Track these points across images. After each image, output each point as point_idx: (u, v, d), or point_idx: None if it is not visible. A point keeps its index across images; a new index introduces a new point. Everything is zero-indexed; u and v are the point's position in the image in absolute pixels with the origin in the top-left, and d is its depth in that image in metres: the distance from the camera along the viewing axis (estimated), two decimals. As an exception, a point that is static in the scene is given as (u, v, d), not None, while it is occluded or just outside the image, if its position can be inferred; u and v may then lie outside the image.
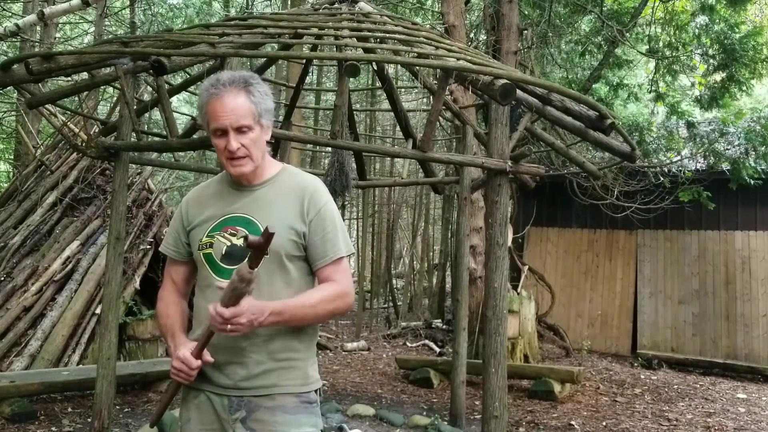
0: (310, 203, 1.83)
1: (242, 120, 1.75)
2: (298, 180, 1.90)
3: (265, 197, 1.85)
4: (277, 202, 1.84)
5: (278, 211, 1.81)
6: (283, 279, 1.81)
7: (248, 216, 1.83)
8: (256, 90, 1.79)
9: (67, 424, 4.77)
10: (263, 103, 1.80)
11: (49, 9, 5.48)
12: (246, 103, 1.76)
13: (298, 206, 1.82)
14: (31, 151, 8.12)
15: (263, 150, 1.85)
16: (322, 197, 1.86)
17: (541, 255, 10.18)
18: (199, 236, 1.86)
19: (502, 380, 4.13)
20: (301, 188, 1.85)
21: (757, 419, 5.87)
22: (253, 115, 1.77)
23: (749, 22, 9.70)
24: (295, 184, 1.87)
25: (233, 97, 1.75)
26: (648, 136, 8.73)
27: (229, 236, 1.82)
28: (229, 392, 1.79)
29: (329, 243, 1.83)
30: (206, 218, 1.87)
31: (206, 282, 1.85)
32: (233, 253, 1.80)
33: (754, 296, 8.55)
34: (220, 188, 1.92)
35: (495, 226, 4.20)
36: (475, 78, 3.63)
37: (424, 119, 5.13)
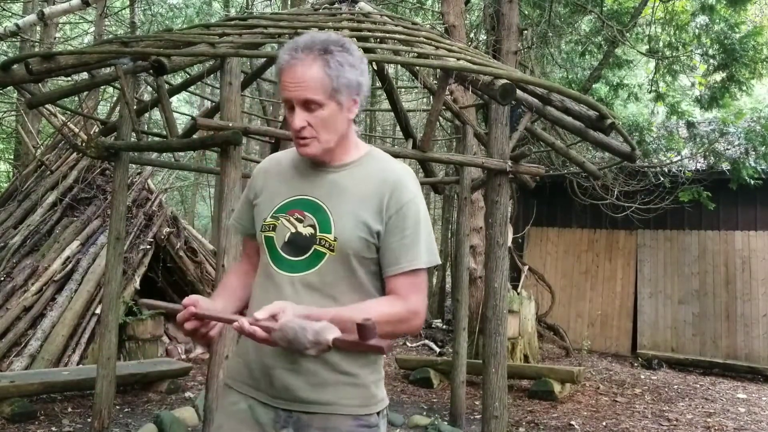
0: (391, 198, 1.54)
1: (310, 94, 1.48)
2: (383, 168, 1.61)
3: (340, 183, 1.58)
4: (353, 191, 1.57)
5: (352, 202, 1.55)
6: (348, 282, 1.54)
7: (318, 201, 1.57)
8: (335, 59, 1.50)
9: (67, 424, 4.77)
10: (343, 76, 1.50)
11: (49, 9, 5.48)
12: (319, 74, 1.48)
13: (377, 200, 1.54)
14: (31, 151, 8.13)
15: (340, 130, 1.55)
16: (408, 192, 1.56)
17: (541, 255, 10.18)
18: (263, 214, 1.62)
19: (502, 380, 4.13)
20: (384, 178, 1.57)
21: (757, 419, 5.87)
22: (325, 89, 1.49)
23: (749, 22, 9.70)
24: (379, 173, 1.59)
25: (306, 67, 1.48)
26: (648, 136, 8.73)
27: (296, 221, 1.57)
28: (277, 403, 1.54)
29: (406, 248, 1.53)
30: (273, 194, 1.64)
31: (265, 269, 1.60)
32: (296, 242, 1.55)
33: (754, 296, 8.55)
34: (296, 163, 1.67)
35: (495, 226, 4.20)
36: (475, 78, 3.63)
37: (424, 119, 5.13)
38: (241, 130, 3.58)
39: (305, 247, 1.54)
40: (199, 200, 19.35)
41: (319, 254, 1.53)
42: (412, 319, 1.52)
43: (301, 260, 1.54)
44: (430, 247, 1.56)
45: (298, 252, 1.54)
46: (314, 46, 1.50)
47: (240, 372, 1.62)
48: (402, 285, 1.52)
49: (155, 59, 3.37)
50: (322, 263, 1.53)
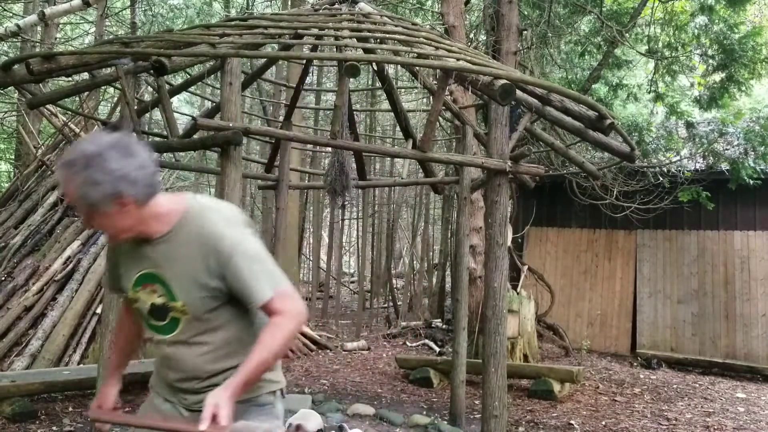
0: (217, 255, 1.71)
1: (75, 203, 1.64)
2: (200, 228, 1.74)
3: (169, 252, 1.75)
4: (181, 257, 1.73)
5: (185, 268, 1.73)
6: (212, 327, 1.79)
7: (158, 273, 1.77)
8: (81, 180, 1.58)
9: (67, 424, 4.78)
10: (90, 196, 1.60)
11: (50, 9, 5.49)
12: (75, 189, 1.60)
13: (203, 261, 1.72)
14: (32, 151, 8.14)
15: (130, 223, 1.68)
16: (227, 242, 1.71)
17: (541, 255, 10.19)
18: (126, 288, 1.86)
19: (502, 380, 4.15)
20: (204, 240, 1.72)
21: (756, 419, 5.88)
22: (84, 200, 1.61)
23: (748, 22, 9.71)
24: (197, 235, 1.73)
25: (65, 182, 1.62)
26: (647, 136, 8.74)
27: (150, 293, 1.79)
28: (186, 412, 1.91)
29: (251, 289, 1.71)
30: (126, 270, 1.84)
31: (147, 333, 1.89)
32: (157, 311, 1.80)
33: (753, 296, 8.56)
34: (129, 244, 1.82)
35: (495, 226, 4.21)
36: (475, 78, 3.64)
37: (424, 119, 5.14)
38: (242, 130, 3.59)
39: (164, 314, 1.79)
40: (199, 200, 19.29)
41: (175, 318, 1.79)
42: (298, 316, 1.74)
43: (166, 325, 1.81)
44: (270, 276, 1.73)
45: (161, 318, 1.80)
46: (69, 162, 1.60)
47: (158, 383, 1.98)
48: (270, 309, 1.73)
49: (156, 59, 3.38)
50: (182, 324, 1.79)
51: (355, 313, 11.21)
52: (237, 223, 1.77)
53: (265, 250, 1.78)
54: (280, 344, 1.70)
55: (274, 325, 1.71)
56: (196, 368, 1.83)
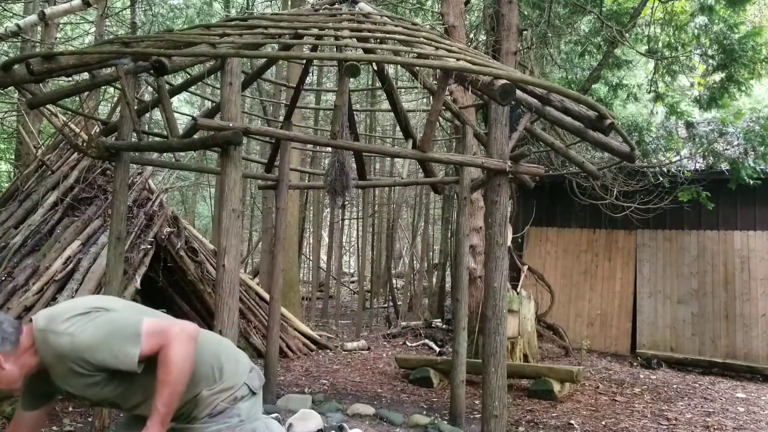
0: (73, 362, 1.94)
1: None
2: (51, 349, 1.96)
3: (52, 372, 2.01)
4: (58, 372, 1.99)
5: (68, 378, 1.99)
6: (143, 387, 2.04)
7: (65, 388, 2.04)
8: None
9: (68, 423, 4.78)
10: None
11: (50, 9, 5.49)
12: None
13: (71, 370, 1.96)
14: (32, 151, 8.13)
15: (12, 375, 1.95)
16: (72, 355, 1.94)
17: (541, 255, 10.19)
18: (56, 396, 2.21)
19: (502, 380, 4.14)
20: (57, 357, 1.95)
21: (756, 419, 5.88)
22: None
23: (748, 22, 9.72)
24: (51, 354, 1.97)
25: None
26: (647, 136, 8.74)
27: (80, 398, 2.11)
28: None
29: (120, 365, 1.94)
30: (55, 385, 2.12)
31: None
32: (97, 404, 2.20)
33: (753, 296, 8.56)
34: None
35: (495, 226, 4.21)
36: (475, 78, 3.64)
37: (424, 119, 5.15)
38: (242, 130, 3.59)
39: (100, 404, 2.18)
40: (200, 200, 19.36)
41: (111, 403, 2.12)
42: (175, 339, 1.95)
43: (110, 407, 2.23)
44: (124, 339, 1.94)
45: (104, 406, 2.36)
46: None
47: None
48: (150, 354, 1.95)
49: (156, 59, 3.38)
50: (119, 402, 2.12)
51: (355, 313, 11.21)
52: (65, 325, 1.95)
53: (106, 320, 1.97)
54: (178, 372, 1.92)
55: (161, 362, 1.94)
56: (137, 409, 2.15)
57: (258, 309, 7.91)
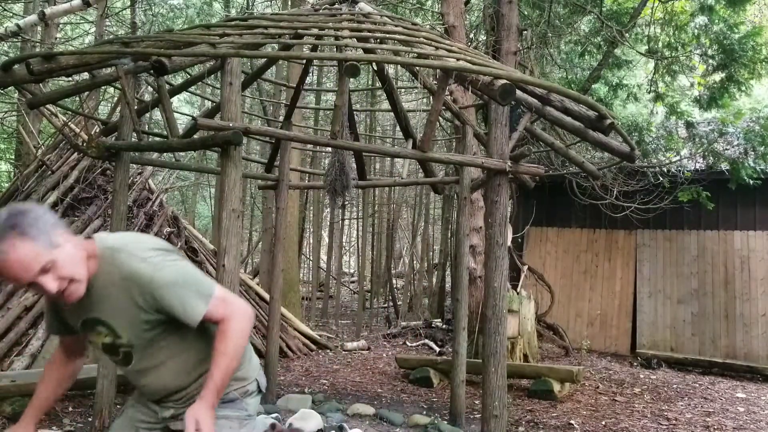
0: (140, 290, 1.78)
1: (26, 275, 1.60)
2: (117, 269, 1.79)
3: (100, 295, 1.81)
4: (111, 297, 1.81)
5: (117, 309, 1.82)
6: (163, 349, 1.91)
7: (99, 317, 1.85)
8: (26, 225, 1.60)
9: (68, 424, 4.78)
10: (41, 236, 1.62)
11: (50, 9, 5.49)
12: (28, 251, 1.59)
13: (131, 301, 1.79)
14: (32, 151, 8.14)
15: (78, 262, 1.72)
16: (145, 279, 1.77)
17: (541, 255, 10.19)
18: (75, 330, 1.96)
19: (502, 380, 4.14)
20: (124, 283, 1.78)
21: (756, 419, 5.88)
22: (41, 255, 1.61)
23: (748, 22, 9.71)
24: (117, 275, 1.79)
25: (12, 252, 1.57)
26: (647, 136, 8.74)
27: (97, 335, 1.90)
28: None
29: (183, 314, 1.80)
30: (72, 316, 1.92)
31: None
32: (109, 349, 1.93)
33: (753, 296, 8.56)
34: None
35: (495, 226, 4.21)
36: (475, 78, 3.64)
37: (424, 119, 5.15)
38: (242, 130, 3.59)
39: (116, 351, 1.91)
40: (200, 200, 19.37)
41: (127, 353, 1.91)
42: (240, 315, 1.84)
43: (121, 359, 1.93)
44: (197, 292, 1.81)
45: (114, 354, 1.93)
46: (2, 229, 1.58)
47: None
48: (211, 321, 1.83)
49: (156, 59, 3.38)
50: (135, 356, 1.91)
51: (355, 313, 11.21)
52: (147, 253, 1.80)
53: (184, 266, 1.84)
54: (234, 347, 1.81)
55: (221, 332, 1.82)
56: (166, 387, 1.97)
57: (258, 309, 7.91)
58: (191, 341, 1.93)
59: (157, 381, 1.95)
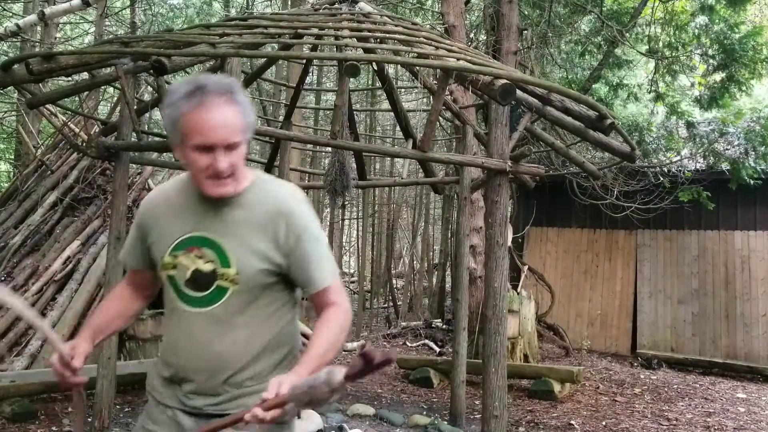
0: (288, 229, 1.61)
1: (234, 137, 1.53)
2: (274, 197, 1.65)
3: (234, 218, 1.62)
4: (247, 225, 1.62)
5: (248, 235, 1.61)
6: (252, 310, 1.64)
7: (214, 237, 1.62)
8: (242, 102, 1.56)
9: (67, 424, 4.77)
10: (250, 115, 1.59)
11: (50, 9, 5.49)
12: (236, 116, 1.54)
13: (272, 231, 1.61)
14: (31, 150, 8.13)
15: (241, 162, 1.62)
16: (301, 218, 1.64)
17: (541, 255, 10.18)
18: (160, 252, 1.66)
19: (502, 380, 4.14)
20: (276, 209, 1.62)
21: (756, 419, 5.87)
22: (242, 129, 1.55)
23: (749, 22, 9.70)
24: (270, 203, 1.63)
25: (222, 108, 1.52)
26: (648, 136, 8.73)
27: (195, 258, 1.62)
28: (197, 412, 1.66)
29: (313, 273, 1.64)
30: (167, 232, 1.67)
31: (172, 305, 1.67)
32: (198, 279, 1.62)
33: (754, 296, 8.56)
34: (183, 198, 1.69)
35: (495, 226, 4.21)
36: (475, 78, 3.63)
37: (424, 119, 5.14)
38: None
39: (207, 283, 1.61)
40: (199, 200, 19.33)
41: (222, 289, 1.62)
42: (349, 313, 1.66)
43: (206, 295, 1.62)
44: (330, 263, 1.67)
45: (202, 288, 1.62)
46: (222, 89, 1.54)
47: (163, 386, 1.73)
48: (326, 296, 1.65)
49: (156, 59, 3.37)
50: (227, 296, 1.62)
51: (355, 313, 11.19)
52: (304, 202, 1.68)
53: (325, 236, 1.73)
54: (339, 340, 1.59)
55: (332, 318, 1.61)
56: (222, 356, 1.62)
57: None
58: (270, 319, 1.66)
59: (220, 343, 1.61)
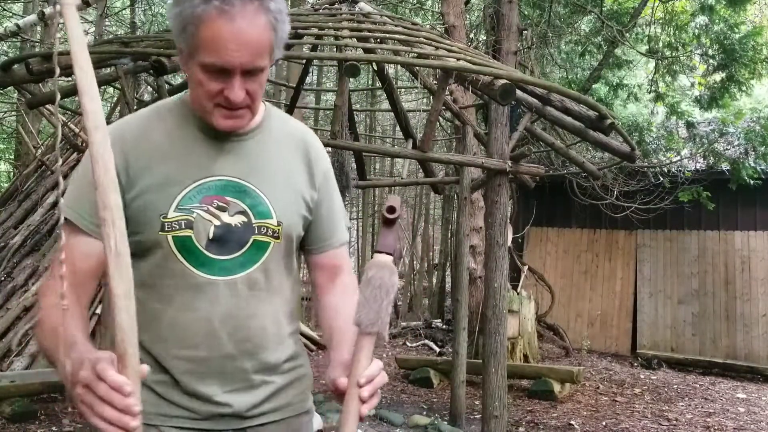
0: (317, 161, 1.30)
1: (259, 60, 1.12)
2: (294, 129, 1.33)
3: (258, 153, 1.24)
4: (276, 161, 1.26)
5: (281, 174, 1.25)
6: (287, 270, 1.29)
7: (241, 181, 1.21)
8: (277, 9, 1.13)
9: (67, 424, 4.77)
10: (284, 28, 1.16)
11: (50, 9, 5.48)
12: (267, 33, 1.12)
13: (304, 166, 1.28)
14: (31, 151, 8.13)
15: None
16: (324, 152, 1.35)
17: (541, 255, 10.18)
18: (158, 209, 1.17)
19: (502, 380, 4.14)
20: (302, 140, 1.31)
21: (756, 419, 5.87)
22: (271, 49, 1.14)
23: (749, 22, 9.70)
24: (294, 135, 1.31)
25: (250, 20, 1.09)
26: (648, 136, 8.73)
27: (217, 211, 1.19)
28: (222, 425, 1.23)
29: (336, 220, 1.34)
30: (167, 180, 1.18)
31: (176, 281, 1.18)
32: (226, 237, 1.19)
33: (754, 296, 8.55)
34: (182, 132, 1.22)
35: (495, 226, 4.21)
36: (475, 78, 3.63)
37: (424, 119, 5.14)
38: (242, 130, 3.58)
39: (240, 240, 1.20)
40: (199, 200, 19.35)
41: (261, 245, 1.22)
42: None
43: (238, 257, 1.20)
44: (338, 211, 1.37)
45: (232, 248, 1.19)
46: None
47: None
48: (344, 255, 1.36)
49: (155, 59, 3.37)
50: (267, 255, 1.23)
51: (355, 313, 11.17)
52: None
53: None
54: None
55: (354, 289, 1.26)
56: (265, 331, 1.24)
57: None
58: (295, 284, 1.33)
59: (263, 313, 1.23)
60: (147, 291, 1.18)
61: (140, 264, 1.16)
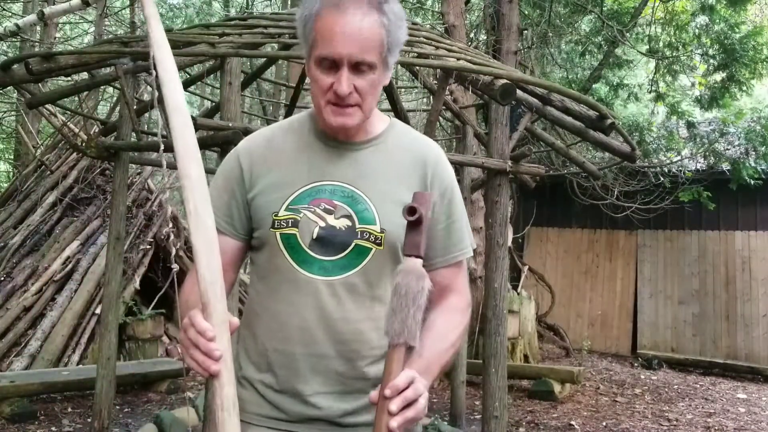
0: (434, 178, 1.31)
1: (366, 54, 1.17)
2: (419, 143, 1.35)
3: (371, 161, 1.29)
4: (388, 170, 1.29)
5: (391, 185, 1.28)
6: (389, 279, 1.26)
7: (349, 186, 1.27)
8: (392, 11, 1.20)
9: (67, 424, 4.77)
10: (397, 33, 1.21)
11: (49, 9, 5.47)
12: (377, 29, 1.17)
13: (418, 180, 1.30)
14: (31, 151, 8.13)
15: (377, 98, 1.28)
16: (449, 171, 1.35)
17: (541, 255, 10.17)
18: (271, 207, 1.27)
19: (502, 380, 4.13)
20: (423, 155, 1.32)
21: (757, 419, 5.86)
22: (382, 48, 1.19)
23: (749, 22, 9.70)
24: (413, 149, 1.33)
25: (361, 16, 1.16)
26: (648, 136, 8.73)
27: (323, 213, 1.25)
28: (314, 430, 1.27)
29: (455, 237, 1.33)
30: (281, 182, 1.28)
31: (283, 276, 1.27)
32: (329, 238, 1.25)
33: (754, 296, 8.55)
34: (302, 140, 1.32)
35: (495, 226, 4.20)
36: (475, 78, 3.62)
37: (424, 119, 5.13)
38: (241, 130, 3.57)
39: (343, 243, 1.24)
40: (199, 200, 19.32)
41: (362, 250, 1.25)
42: (469, 309, 1.36)
43: (339, 259, 1.25)
44: (470, 231, 1.38)
45: (334, 250, 1.25)
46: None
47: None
48: (454, 275, 1.33)
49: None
50: (368, 261, 1.25)
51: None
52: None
53: None
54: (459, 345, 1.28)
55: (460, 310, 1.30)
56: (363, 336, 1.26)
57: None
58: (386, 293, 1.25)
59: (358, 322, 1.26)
60: (263, 284, 1.31)
61: (259, 258, 1.32)
